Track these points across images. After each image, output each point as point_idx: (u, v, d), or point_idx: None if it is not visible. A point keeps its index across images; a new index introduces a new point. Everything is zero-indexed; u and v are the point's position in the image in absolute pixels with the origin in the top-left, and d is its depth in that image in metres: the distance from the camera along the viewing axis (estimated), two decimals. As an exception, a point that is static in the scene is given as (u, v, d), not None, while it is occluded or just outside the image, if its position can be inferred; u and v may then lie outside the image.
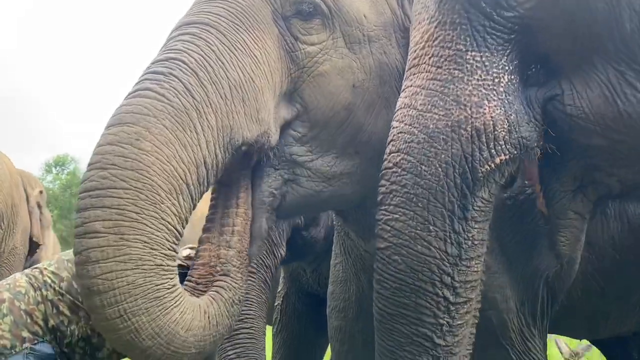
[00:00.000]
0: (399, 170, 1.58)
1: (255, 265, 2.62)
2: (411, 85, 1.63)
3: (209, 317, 1.56)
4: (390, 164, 1.61)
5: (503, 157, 1.53)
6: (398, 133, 1.61)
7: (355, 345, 2.47)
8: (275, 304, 3.92)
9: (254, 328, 2.55)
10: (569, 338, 5.14)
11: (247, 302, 2.56)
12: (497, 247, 2.11)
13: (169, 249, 1.46)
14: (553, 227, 1.79)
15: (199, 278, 1.67)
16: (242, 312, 2.53)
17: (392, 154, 1.62)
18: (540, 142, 1.60)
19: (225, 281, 1.65)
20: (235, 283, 1.67)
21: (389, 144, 1.64)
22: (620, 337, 2.81)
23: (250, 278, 2.57)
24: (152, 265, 1.41)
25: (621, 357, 3.09)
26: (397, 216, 1.57)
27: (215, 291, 1.63)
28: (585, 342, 4.62)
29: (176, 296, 1.47)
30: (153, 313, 1.40)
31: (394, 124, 1.65)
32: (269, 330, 3.70)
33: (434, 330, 1.54)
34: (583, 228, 1.80)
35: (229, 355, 2.58)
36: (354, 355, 2.51)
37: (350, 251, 2.54)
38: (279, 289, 3.94)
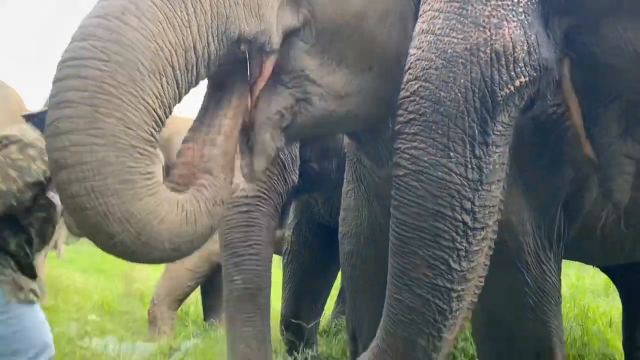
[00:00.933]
0: (417, 98, 1.53)
1: (265, 191, 2.57)
2: (429, 10, 1.57)
3: (186, 214, 1.46)
4: (408, 93, 1.56)
5: (523, 79, 1.50)
6: (415, 60, 1.56)
7: (367, 270, 2.47)
8: (286, 234, 3.94)
9: (261, 255, 2.49)
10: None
11: (256, 227, 2.50)
12: (515, 169, 2.06)
13: (147, 132, 1.35)
14: (605, 175, 1.76)
15: (179, 177, 1.57)
16: (250, 238, 2.50)
17: (409, 82, 1.56)
18: (561, 67, 1.57)
19: (207, 179, 1.55)
20: (218, 182, 1.56)
21: (406, 72, 1.59)
22: (634, 265, 2.79)
23: (260, 204, 2.52)
24: (126, 145, 1.31)
25: (635, 286, 3.09)
26: (415, 144, 1.53)
27: (196, 189, 1.53)
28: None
29: (152, 184, 1.38)
30: (123, 196, 1.31)
31: (412, 51, 1.59)
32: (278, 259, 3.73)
33: (450, 254, 1.52)
34: (635, 172, 1.77)
35: (235, 281, 2.52)
36: (365, 280, 2.52)
37: (362, 178, 2.50)
38: (289, 220, 3.94)
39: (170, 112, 1.43)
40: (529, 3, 1.49)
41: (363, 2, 1.76)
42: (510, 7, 1.47)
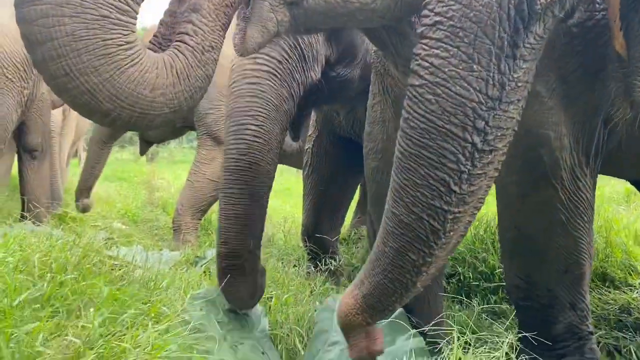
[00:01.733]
0: None
1: (280, 70, 2.33)
2: None
3: (176, 72, 1.36)
4: None
5: None
6: None
7: (393, 186, 2.42)
8: (306, 147, 3.88)
9: (263, 128, 2.22)
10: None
11: (263, 100, 2.28)
12: (555, 80, 1.93)
13: (120, 1, 1.23)
14: (631, 71, 1.62)
15: (162, 36, 1.44)
16: (254, 108, 2.26)
17: None
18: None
19: (189, 26, 1.40)
20: (204, 26, 1.41)
21: None
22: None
23: (272, 80, 2.27)
24: (96, 16, 1.20)
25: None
26: (437, 52, 1.41)
27: (179, 40, 1.40)
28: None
29: (133, 54, 1.27)
30: (104, 72, 1.23)
31: None
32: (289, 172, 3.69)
33: (452, 176, 1.45)
34: None
35: (231, 150, 2.28)
36: (391, 196, 2.47)
37: (389, 90, 2.38)
38: (310, 132, 3.87)
39: None
40: None
41: None
42: None
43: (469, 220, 1.57)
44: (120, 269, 3.02)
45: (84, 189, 6.00)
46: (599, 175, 2.20)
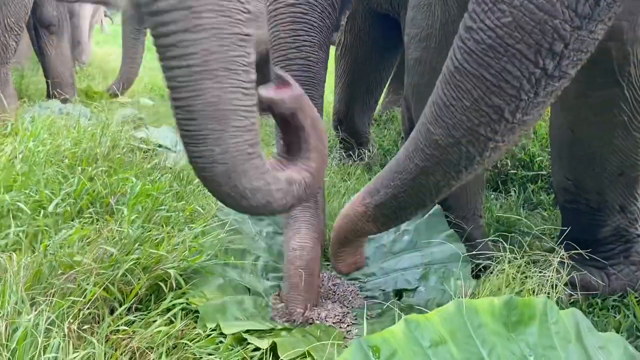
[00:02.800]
0: None
1: None
2: None
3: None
4: None
5: None
6: None
7: (436, 78, 2.22)
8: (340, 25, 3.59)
9: (310, 59, 2.08)
10: None
11: (307, 24, 2.12)
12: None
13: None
14: None
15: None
16: (298, 39, 2.06)
17: None
18: None
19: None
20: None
21: None
22: None
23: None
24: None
25: None
26: None
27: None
28: None
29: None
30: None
31: None
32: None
33: (509, 103, 1.25)
34: None
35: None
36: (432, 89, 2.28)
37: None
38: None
39: None
40: None
41: None
42: None
43: (507, 149, 1.40)
44: (151, 160, 2.99)
45: (127, 84, 5.84)
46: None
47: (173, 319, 1.59)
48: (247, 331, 1.55)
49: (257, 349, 1.43)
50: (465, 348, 1.23)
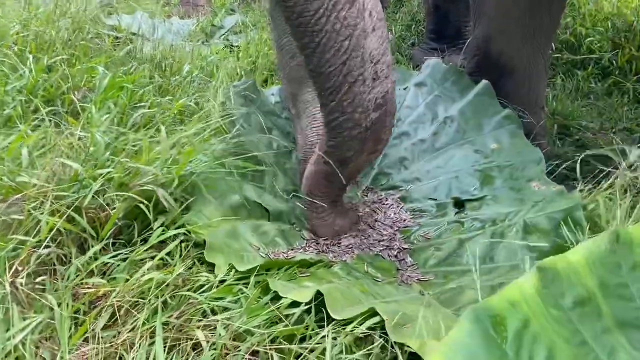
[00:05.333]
0: None
1: None
2: None
3: None
4: None
5: None
6: None
7: None
8: None
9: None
10: None
11: None
12: None
13: None
14: None
15: None
16: None
17: None
18: None
19: None
20: None
21: None
22: None
23: None
24: None
25: None
26: None
27: None
28: None
29: None
30: None
31: None
32: None
33: None
34: None
35: None
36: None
37: None
38: None
39: None
40: None
41: None
42: None
43: None
44: (124, 45, 2.41)
45: None
46: None
47: (168, 258, 1.13)
48: (268, 270, 1.11)
49: (294, 303, 0.98)
50: (623, 308, 0.80)
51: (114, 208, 1.15)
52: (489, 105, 1.80)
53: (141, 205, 1.17)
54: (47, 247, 1.04)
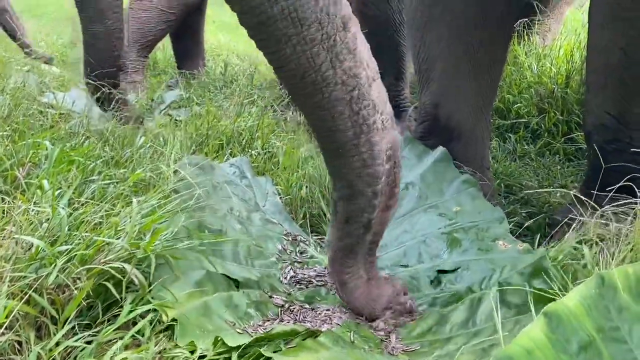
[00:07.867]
0: None
1: None
2: None
3: None
4: None
5: None
6: None
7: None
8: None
9: None
10: None
11: None
12: None
13: None
14: None
15: None
16: None
17: None
18: None
19: None
20: None
21: None
22: None
23: None
24: None
25: None
26: None
27: None
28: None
29: None
30: None
31: None
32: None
33: None
34: None
35: None
36: None
37: None
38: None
39: None
40: None
41: None
42: None
43: None
44: (66, 121, 2.33)
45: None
46: None
47: (139, 336, 1.05)
48: (256, 341, 1.05)
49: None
50: (619, 351, 0.81)
51: (77, 287, 1.07)
52: (448, 171, 1.86)
53: (106, 283, 1.10)
54: (4, 332, 0.94)
